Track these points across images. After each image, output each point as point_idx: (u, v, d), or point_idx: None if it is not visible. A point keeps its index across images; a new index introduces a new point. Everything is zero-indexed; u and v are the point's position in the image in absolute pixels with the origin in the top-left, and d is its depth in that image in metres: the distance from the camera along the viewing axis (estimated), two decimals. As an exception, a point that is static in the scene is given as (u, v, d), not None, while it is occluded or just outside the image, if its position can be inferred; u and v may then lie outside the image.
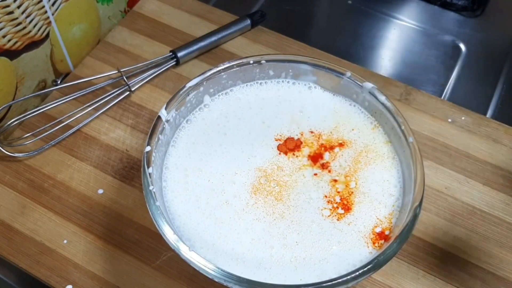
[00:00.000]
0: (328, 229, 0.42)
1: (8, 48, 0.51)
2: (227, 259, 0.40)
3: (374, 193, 0.43)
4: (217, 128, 0.47)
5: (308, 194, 0.43)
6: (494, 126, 0.57)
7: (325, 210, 0.42)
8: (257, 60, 0.48)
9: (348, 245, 0.41)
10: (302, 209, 0.42)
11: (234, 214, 0.42)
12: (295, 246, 0.41)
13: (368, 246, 0.41)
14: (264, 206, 0.42)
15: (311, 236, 0.41)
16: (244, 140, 0.46)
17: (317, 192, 0.43)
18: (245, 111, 0.48)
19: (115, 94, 0.57)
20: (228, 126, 0.47)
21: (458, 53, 0.69)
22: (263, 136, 0.47)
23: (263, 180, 0.44)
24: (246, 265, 0.40)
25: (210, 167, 0.45)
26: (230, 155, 0.45)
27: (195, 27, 0.64)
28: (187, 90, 0.46)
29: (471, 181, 0.53)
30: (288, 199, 0.43)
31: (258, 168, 0.45)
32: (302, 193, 0.43)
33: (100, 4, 0.62)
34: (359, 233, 0.41)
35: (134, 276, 0.47)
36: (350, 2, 0.75)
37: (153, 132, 0.43)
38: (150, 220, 0.39)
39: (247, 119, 0.48)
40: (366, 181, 0.44)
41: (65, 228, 0.49)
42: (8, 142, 0.54)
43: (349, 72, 0.47)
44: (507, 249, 0.49)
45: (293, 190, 0.43)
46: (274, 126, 0.47)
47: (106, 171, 0.53)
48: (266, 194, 0.43)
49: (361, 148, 0.46)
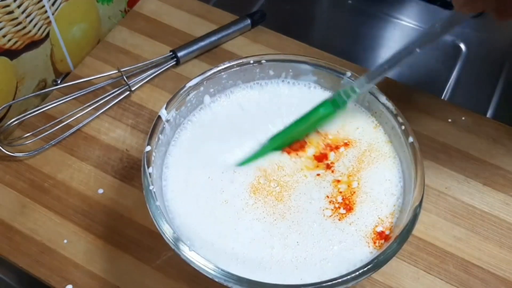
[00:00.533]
0: (330, 229, 0.41)
1: (8, 48, 0.51)
2: (227, 258, 0.40)
3: (376, 193, 0.43)
4: (217, 128, 0.47)
5: (309, 195, 0.43)
6: (494, 126, 0.57)
7: (326, 210, 0.42)
8: (257, 60, 0.48)
9: (349, 245, 0.41)
10: (303, 210, 0.42)
11: (234, 214, 0.42)
12: (296, 246, 0.41)
13: (369, 245, 0.41)
14: (264, 206, 0.42)
15: (312, 237, 0.41)
16: (244, 140, 0.46)
17: (319, 193, 0.43)
18: (245, 111, 0.48)
19: (115, 94, 0.57)
20: (228, 126, 0.47)
21: (458, 53, 0.69)
22: (264, 136, 0.47)
23: (262, 179, 0.44)
24: (246, 265, 0.40)
25: (210, 167, 0.45)
26: (230, 155, 0.46)
27: (195, 27, 0.64)
28: (187, 90, 0.46)
29: (471, 181, 0.53)
30: (289, 200, 0.43)
31: (258, 168, 0.45)
32: (303, 193, 0.43)
33: (100, 4, 0.62)
34: (360, 232, 0.41)
35: (134, 276, 0.47)
36: (350, 2, 0.75)
37: (153, 132, 0.43)
38: (150, 220, 0.39)
39: (247, 119, 0.48)
40: (368, 180, 0.44)
41: (65, 228, 0.49)
42: (8, 142, 0.54)
43: (349, 72, 0.47)
44: (507, 249, 0.49)
45: (294, 190, 0.43)
46: (275, 126, 0.47)
47: (106, 171, 0.53)
48: (266, 194, 0.43)
49: (365, 147, 0.46)
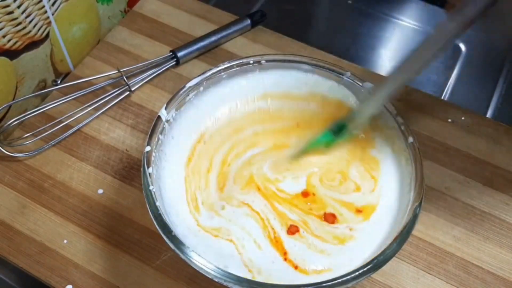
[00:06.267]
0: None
1: (8, 48, 0.51)
2: (227, 258, 0.40)
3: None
4: (217, 127, 0.47)
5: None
6: (494, 126, 0.57)
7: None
8: (257, 60, 0.48)
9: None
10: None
11: (233, 214, 0.42)
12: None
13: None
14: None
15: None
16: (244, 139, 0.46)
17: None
18: (246, 111, 0.48)
19: (115, 94, 0.57)
20: (228, 125, 0.47)
21: (458, 53, 0.69)
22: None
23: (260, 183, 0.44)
24: (246, 265, 0.40)
25: (210, 167, 0.45)
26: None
27: (195, 27, 0.64)
28: (187, 90, 0.46)
29: (471, 181, 0.53)
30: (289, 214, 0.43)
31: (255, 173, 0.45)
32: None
33: (100, 4, 0.62)
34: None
35: (134, 276, 0.47)
36: (350, 2, 0.75)
37: (153, 132, 0.43)
38: (150, 220, 0.39)
39: (248, 118, 0.48)
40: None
41: (65, 228, 0.49)
42: (8, 142, 0.54)
43: (349, 72, 0.47)
44: (507, 249, 0.49)
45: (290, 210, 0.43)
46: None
47: (106, 171, 0.53)
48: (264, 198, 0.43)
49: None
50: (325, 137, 0.45)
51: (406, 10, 0.74)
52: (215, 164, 0.45)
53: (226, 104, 0.48)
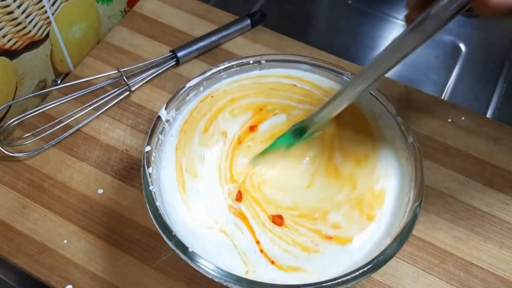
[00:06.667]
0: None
1: (8, 48, 0.51)
2: (226, 258, 0.40)
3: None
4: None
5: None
6: (494, 126, 0.57)
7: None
8: (257, 60, 0.48)
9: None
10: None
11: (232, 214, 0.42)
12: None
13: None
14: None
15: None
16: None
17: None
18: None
19: (115, 94, 0.57)
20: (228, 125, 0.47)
21: (458, 53, 0.69)
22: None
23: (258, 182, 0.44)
24: (245, 265, 0.40)
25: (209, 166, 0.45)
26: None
27: (195, 27, 0.64)
28: (187, 90, 0.46)
29: (471, 181, 0.53)
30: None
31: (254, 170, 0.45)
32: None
33: (100, 4, 0.62)
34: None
35: (134, 276, 0.47)
36: (350, 2, 0.75)
37: (153, 132, 0.43)
38: (150, 220, 0.39)
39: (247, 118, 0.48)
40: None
41: (65, 228, 0.49)
42: (8, 142, 0.54)
43: (349, 72, 0.47)
44: (507, 249, 0.49)
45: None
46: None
47: (106, 171, 0.53)
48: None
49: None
50: (285, 139, 0.44)
51: (406, 10, 0.73)
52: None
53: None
